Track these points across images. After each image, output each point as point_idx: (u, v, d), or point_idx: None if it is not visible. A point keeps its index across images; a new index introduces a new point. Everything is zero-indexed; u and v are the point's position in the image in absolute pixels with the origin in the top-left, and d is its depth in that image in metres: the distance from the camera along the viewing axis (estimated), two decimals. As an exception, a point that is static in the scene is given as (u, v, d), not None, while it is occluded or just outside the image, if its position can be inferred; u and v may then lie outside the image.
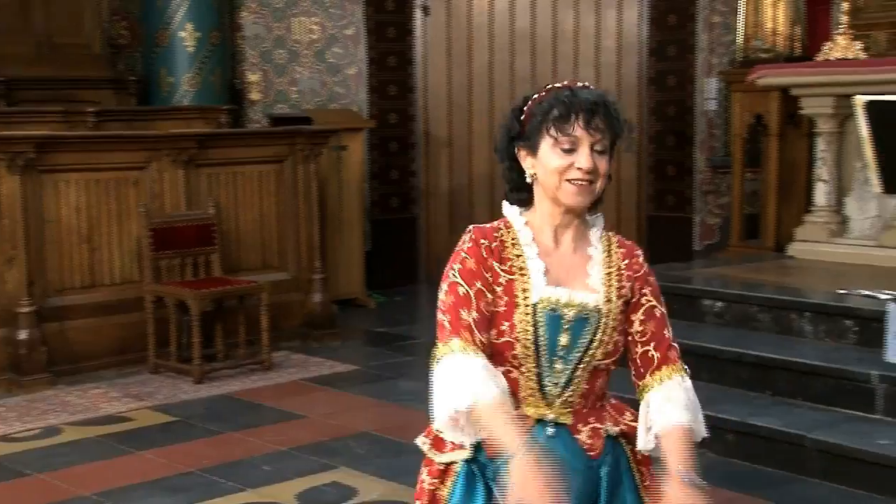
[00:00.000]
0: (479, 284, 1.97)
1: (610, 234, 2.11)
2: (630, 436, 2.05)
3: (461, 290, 1.96)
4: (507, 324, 1.95)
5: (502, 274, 1.98)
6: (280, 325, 6.25)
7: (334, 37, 8.29)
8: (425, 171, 8.65)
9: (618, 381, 2.14)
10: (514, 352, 1.97)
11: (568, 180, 1.97)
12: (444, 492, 2.03)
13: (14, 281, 5.59)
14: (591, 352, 1.99)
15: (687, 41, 8.02)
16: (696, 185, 8.06)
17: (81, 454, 4.61)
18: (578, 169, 1.96)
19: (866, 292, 4.84)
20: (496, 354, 1.98)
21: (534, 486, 1.78)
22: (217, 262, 6.10)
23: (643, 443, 2.01)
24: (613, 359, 2.02)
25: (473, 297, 1.95)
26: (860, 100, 3.14)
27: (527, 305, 1.96)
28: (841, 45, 6.13)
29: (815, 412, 4.40)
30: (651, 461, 2.09)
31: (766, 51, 6.93)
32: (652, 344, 2.03)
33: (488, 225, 2.05)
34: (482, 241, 2.00)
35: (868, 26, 6.49)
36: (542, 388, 1.99)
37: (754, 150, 6.74)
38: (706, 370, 4.86)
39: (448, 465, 2.04)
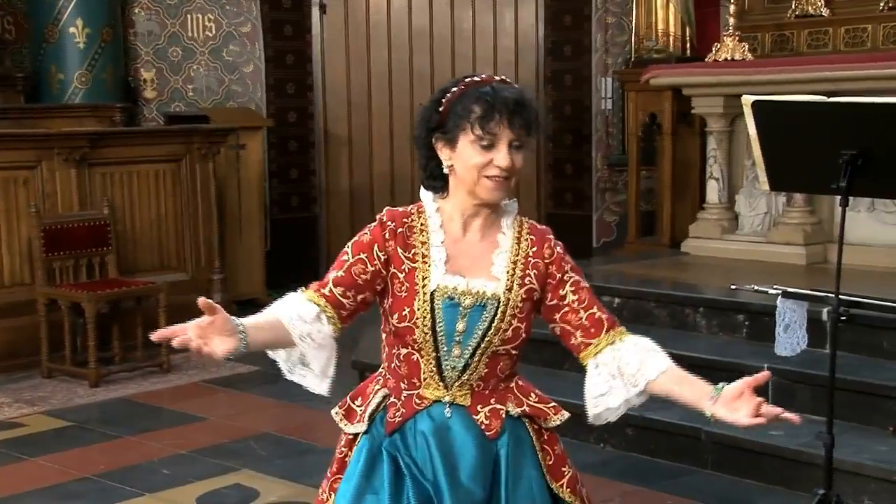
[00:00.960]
0: (362, 256, 2.06)
1: (523, 219, 2.15)
2: (534, 416, 2.12)
3: (344, 258, 2.08)
4: (407, 309, 2.03)
5: (405, 261, 2.06)
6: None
7: (230, 34, 8.18)
8: (325, 169, 8.61)
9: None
10: (415, 336, 2.04)
11: (486, 176, 2.02)
12: (350, 458, 2.12)
13: None
14: (487, 338, 2.05)
15: (582, 41, 8.16)
16: (593, 184, 8.21)
17: (-29, 463, 4.48)
18: (497, 166, 2.02)
19: (757, 287, 4.99)
20: (398, 338, 2.07)
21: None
22: (113, 263, 5.96)
23: (612, 404, 2.09)
24: (514, 345, 2.08)
25: (349, 264, 2.05)
26: (747, 99, 3.24)
27: (425, 293, 2.04)
28: (728, 47, 6.32)
29: (709, 404, 4.53)
30: (556, 440, 2.16)
31: (659, 51, 7.10)
32: (595, 307, 2.10)
33: (402, 209, 2.12)
34: (389, 223, 2.08)
35: (753, 28, 6.71)
36: (440, 371, 2.06)
37: (649, 149, 6.90)
38: (605, 365, 4.96)
39: (356, 435, 2.13)
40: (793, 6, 6.57)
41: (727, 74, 6.03)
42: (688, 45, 7.13)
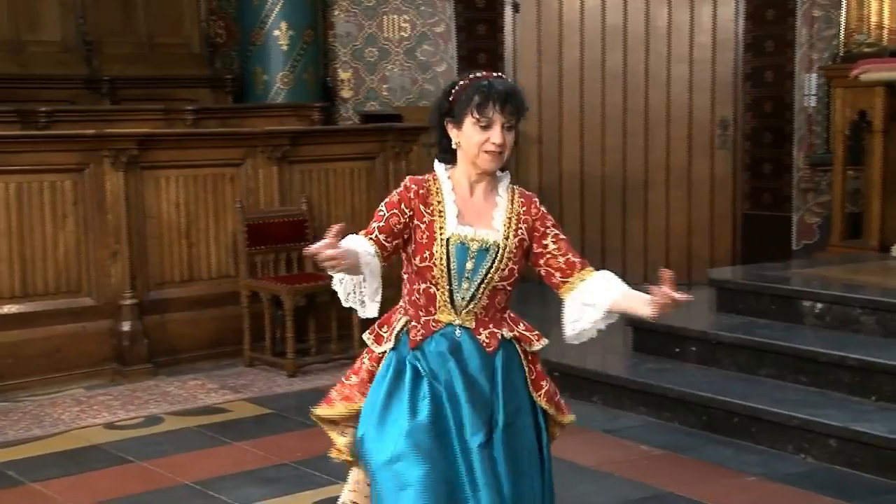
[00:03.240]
0: (395, 212, 2.63)
1: (515, 187, 2.71)
2: (522, 341, 2.67)
3: (380, 213, 2.65)
4: (428, 252, 2.60)
5: (426, 214, 2.62)
6: (371, 320, 6.28)
7: (425, 34, 8.33)
8: (515, 167, 8.62)
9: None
10: (433, 273, 2.60)
11: (485, 151, 2.57)
12: (379, 370, 2.68)
13: (118, 275, 5.75)
14: (490, 275, 2.60)
15: (785, 36, 7.85)
16: (794, 184, 7.89)
17: (181, 443, 4.73)
18: (493, 143, 2.56)
19: (977, 295, 4.66)
20: (420, 275, 2.62)
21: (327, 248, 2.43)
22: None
23: (584, 325, 2.63)
24: (509, 282, 2.63)
25: (386, 217, 2.63)
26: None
27: (442, 239, 2.60)
28: (952, 39, 5.93)
29: (922, 419, 4.27)
30: (538, 360, 2.71)
31: (870, 45, 6.74)
32: (570, 254, 2.66)
33: (421, 177, 2.68)
34: (412, 186, 2.65)
35: (982, 19, 6.27)
36: (452, 301, 2.61)
37: (856, 148, 6.56)
38: (805, 373, 4.76)
39: (383, 354, 2.69)
40: None
41: (947, 69, 5.66)
42: (904, 38, 6.73)
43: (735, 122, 8.20)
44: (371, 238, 2.62)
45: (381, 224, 2.63)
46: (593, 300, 2.61)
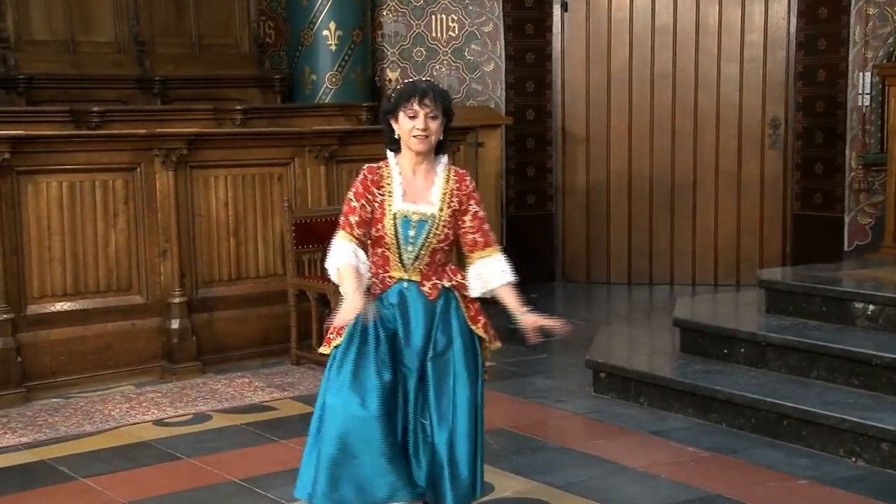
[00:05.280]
0: (362, 201, 3.27)
1: (451, 167, 3.36)
2: (460, 288, 3.34)
3: (352, 203, 3.29)
4: (381, 224, 3.26)
5: (378, 195, 3.28)
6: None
7: (473, 34, 8.33)
8: (562, 167, 8.60)
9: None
10: (385, 241, 3.27)
11: (413, 136, 3.22)
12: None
13: (167, 272, 5.81)
14: (429, 239, 3.27)
15: (839, 34, 7.73)
16: (846, 184, 7.77)
17: (229, 440, 4.78)
18: (418, 129, 3.21)
19: None
20: (376, 243, 3.29)
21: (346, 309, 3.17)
22: (357, 256, 6.19)
23: (475, 289, 3.31)
24: (446, 243, 3.29)
25: (358, 208, 3.28)
26: None
27: (390, 214, 3.26)
28: None
29: (977, 423, 4.18)
30: (474, 301, 3.35)
31: (926, 43, 6.62)
32: (478, 233, 3.34)
33: (376, 164, 3.32)
34: (368, 175, 3.30)
35: None
36: (401, 260, 3.28)
37: (911, 147, 6.44)
38: (857, 375, 4.69)
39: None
40: None
41: None
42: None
43: (786, 122, 8.10)
44: (355, 238, 3.26)
45: (357, 218, 3.27)
46: (485, 278, 3.30)
